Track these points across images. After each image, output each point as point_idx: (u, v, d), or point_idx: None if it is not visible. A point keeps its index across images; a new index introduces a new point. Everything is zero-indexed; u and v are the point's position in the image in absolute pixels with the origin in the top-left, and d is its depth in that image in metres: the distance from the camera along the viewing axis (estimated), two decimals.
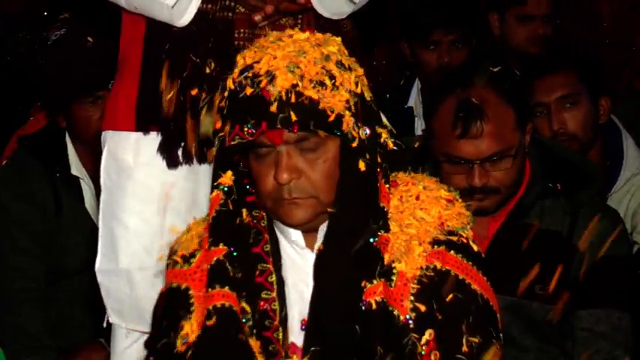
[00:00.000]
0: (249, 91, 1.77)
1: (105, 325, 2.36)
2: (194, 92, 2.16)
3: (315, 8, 2.21)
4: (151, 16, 2.20)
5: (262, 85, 1.76)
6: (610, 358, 2.41)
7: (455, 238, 1.83)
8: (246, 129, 1.77)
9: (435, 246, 1.82)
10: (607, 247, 2.47)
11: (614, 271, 2.47)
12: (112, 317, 2.33)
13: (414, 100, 3.68)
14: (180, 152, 2.22)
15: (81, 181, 3.18)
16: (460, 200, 1.90)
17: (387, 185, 1.85)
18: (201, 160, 2.22)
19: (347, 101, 1.78)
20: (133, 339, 2.33)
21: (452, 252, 1.82)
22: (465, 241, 1.84)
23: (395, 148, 1.90)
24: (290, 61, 1.76)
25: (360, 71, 1.85)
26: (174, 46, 2.18)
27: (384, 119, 1.94)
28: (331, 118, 1.76)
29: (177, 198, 2.27)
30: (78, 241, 3.14)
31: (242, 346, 1.79)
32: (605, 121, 3.09)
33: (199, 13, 2.16)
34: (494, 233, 2.50)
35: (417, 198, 1.87)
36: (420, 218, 1.84)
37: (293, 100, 1.75)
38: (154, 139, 2.23)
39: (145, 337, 2.26)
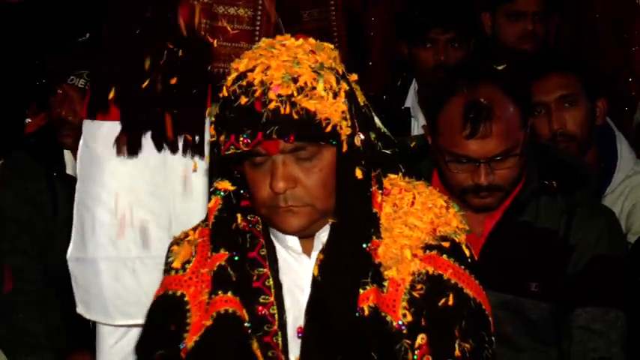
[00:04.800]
0: (243, 100, 1.75)
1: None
2: (173, 81, 2.15)
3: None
4: None
5: (257, 94, 1.74)
6: (607, 357, 2.41)
7: (447, 244, 1.83)
8: (241, 139, 1.75)
9: (427, 251, 1.82)
10: (603, 246, 2.48)
11: (610, 270, 2.47)
12: (78, 307, 2.33)
13: (412, 101, 3.68)
14: (145, 142, 2.21)
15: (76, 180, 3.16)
16: (453, 206, 1.89)
17: (380, 191, 1.85)
18: (173, 150, 2.21)
19: (343, 111, 1.78)
20: (117, 337, 2.33)
21: (444, 256, 1.82)
22: (457, 245, 1.84)
23: (388, 151, 1.90)
24: (285, 71, 1.75)
25: (354, 76, 1.85)
26: (148, 32, 2.17)
27: (378, 122, 1.94)
28: (328, 129, 1.76)
29: (144, 191, 2.26)
30: None
31: (246, 352, 1.79)
32: (601, 123, 3.10)
33: None
34: (490, 231, 2.51)
35: (412, 204, 1.86)
36: (413, 225, 1.83)
37: (289, 110, 1.73)
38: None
39: (130, 335, 2.31)
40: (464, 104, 2.39)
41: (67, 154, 3.22)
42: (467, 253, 1.85)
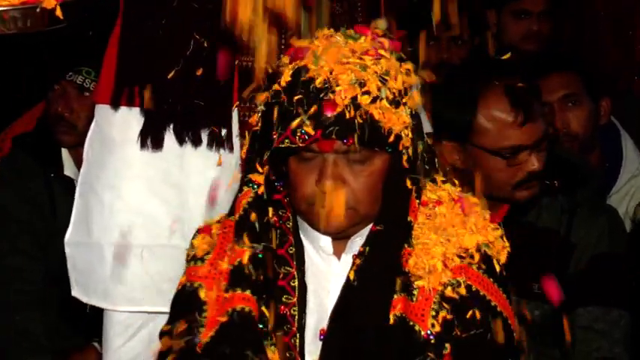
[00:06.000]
0: (306, 96, 1.74)
1: (88, 310, 2.31)
2: (199, 72, 2.12)
3: None
4: None
5: (322, 93, 1.73)
6: (610, 357, 2.41)
7: (478, 256, 1.82)
8: (298, 134, 1.73)
9: (458, 261, 1.81)
10: (604, 245, 2.47)
11: (612, 269, 2.47)
12: (74, 290, 2.29)
13: None
14: (168, 134, 2.18)
15: (75, 182, 3.08)
16: (488, 217, 1.88)
17: (418, 201, 1.83)
18: (196, 143, 2.19)
19: (404, 121, 1.77)
20: (125, 338, 2.29)
21: (474, 267, 1.82)
22: (488, 258, 1.83)
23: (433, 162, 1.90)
24: (352, 74, 1.73)
25: (414, 79, 1.82)
26: (175, 22, 2.13)
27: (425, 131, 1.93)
28: (391, 139, 1.75)
29: (158, 179, 2.23)
30: None
31: (257, 351, 1.77)
32: (606, 122, 3.10)
33: None
34: None
35: (446, 216, 1.85)
36: (445, 236, 1.82)
37: (352, 114, 1.72)
38: (141, 116, 2.19)
39: (139, 336, 2.28)
40: (505, 94, 2.36)
41: (65, 156, 3.19)
42: (497, 267, 1.84)
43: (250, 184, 1.85)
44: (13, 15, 1.95)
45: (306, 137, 1.73)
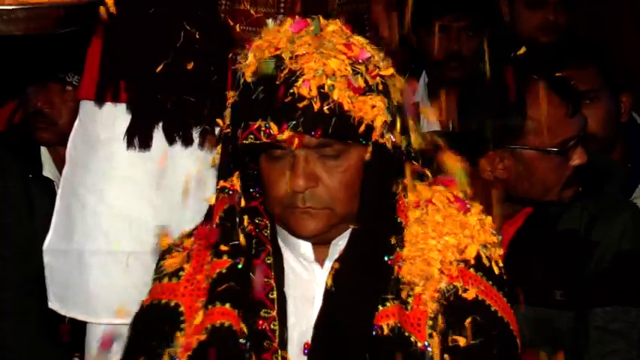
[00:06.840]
0: (268, 87, 1.66)
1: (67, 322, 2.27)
2: (190, 66, 2.06)
3: None
4: None
5: (286, 83, 1.65)
6: (626, 359, 2.31)
7: (476, 259, 1.75)
8: (263, 129, 1.64)
9: (456, 265, 1.73)
10: (626, 242, 2.37)
11: (632, 267, 2.36)
12: (51, 303, 2.24)
13: (421, 94, 3.55)
14: (157, 133, 2.13)
15: (54, 184, 3.03)
16: (486, 218, 1.80)
17: (407, 200, 1.75)
18: (187, 142, 2.14)
19: (377, 109, 1.68)
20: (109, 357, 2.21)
21: (471, 270, 1.74)
22: (486, 261, 1.76)
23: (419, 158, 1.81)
24: (319, 62, 1.66)
25: (390, 71, 1.74)
26: (164, 11, 2.07)
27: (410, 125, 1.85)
28: (361, 129, 1.66)
29: (145, 181, 2.18)
30: None
31: None
32: (627, 119, 3.01)
33: None
34: (510, 239, 2.41)
35: (441, 217, 1.77)
36: (441, 239, 1.74)
37: (319, 104, 1.64)
38: (128, 113, 2.14)
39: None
40: (552, 88, 2.30)
41: (45, 156, 3.09)
42: (496, 270, 1.76)
43: (225, 191, 1.76)
44: (17, 15, 1.83)
45: (271, 132, 1.64)
